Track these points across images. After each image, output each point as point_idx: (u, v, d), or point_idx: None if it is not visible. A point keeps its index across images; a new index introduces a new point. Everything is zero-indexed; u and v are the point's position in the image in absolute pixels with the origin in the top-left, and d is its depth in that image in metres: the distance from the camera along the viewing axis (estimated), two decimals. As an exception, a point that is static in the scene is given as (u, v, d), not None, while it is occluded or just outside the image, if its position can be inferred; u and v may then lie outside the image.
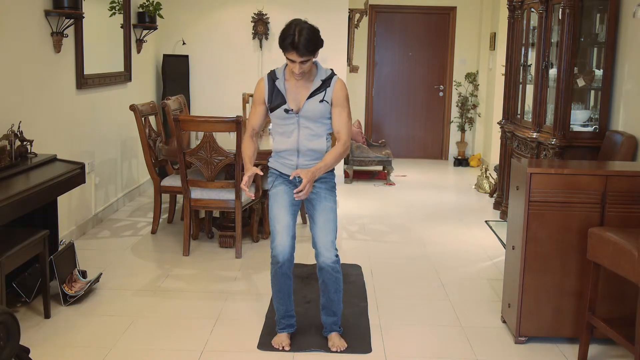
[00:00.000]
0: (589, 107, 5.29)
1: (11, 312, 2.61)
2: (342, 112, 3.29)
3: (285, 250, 3.22)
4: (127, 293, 4.08)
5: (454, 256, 4.99)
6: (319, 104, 3.25)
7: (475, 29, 9.27)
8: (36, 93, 4.51)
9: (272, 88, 3.28)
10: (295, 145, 3.28)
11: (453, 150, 9.51)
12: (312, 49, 3.10)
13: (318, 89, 3.25)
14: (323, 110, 3.27)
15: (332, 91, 3.27)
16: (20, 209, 3.42)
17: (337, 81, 3.30)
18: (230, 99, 7.37)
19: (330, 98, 3.27)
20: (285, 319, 3.38)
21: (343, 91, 3.30)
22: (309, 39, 3.07)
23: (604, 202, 3.32)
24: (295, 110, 3.25)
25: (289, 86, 3.27)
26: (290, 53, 3.09)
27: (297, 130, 3.27)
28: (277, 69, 3.32)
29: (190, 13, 7.52)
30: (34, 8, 4.47)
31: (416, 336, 3.56)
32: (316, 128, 3.28)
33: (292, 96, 3.26)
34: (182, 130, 4.70)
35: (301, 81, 3.25)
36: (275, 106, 3.27)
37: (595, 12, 5.15)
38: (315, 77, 3.27)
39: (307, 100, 3.24)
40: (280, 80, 3.27)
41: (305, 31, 3.07)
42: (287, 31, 3.10)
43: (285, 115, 3.26)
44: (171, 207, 5.75)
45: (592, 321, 3.19)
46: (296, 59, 3.10)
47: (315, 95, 3.25)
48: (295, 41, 3.05)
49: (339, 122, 3.29)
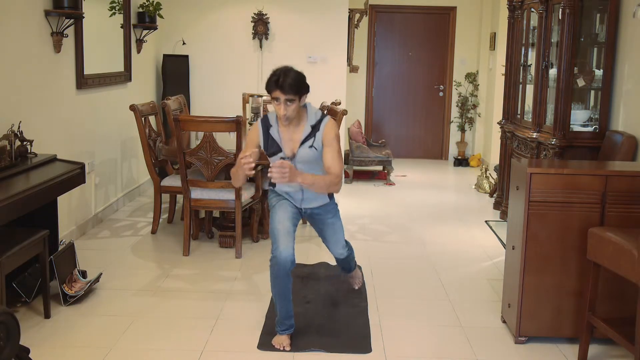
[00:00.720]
0: (589, 107, 5.29)
1: (11, 312, 2.61)
2: (331, 150, 3.38)
3: (287, 251, 3.26)
4: (127, 293, 4.08)
5: (454, 256, 4.99)
6: (309, 149, 3.38)
7: (475, 29, 9.27)
8: (36, 93, 4.51)
9: (266, 135, 3.41)
10: (298, 187, 3.44)
11: (453, 150, 9.51)
12: (296, 89, 3.21)
13: (308, 136, 3.38)
14: (315, 155, 3.40)
15: (321, 135, 3.38)
16: (20, 209, 3.42)
17: (326, 124, 3.40)
18: (230, 99, 7.37)
19: (320, 142, 3.38)
20: (287, 320, 3.39)
21: (332, 132, 3.39)
22: (295, 79, 3.21)
23: (604, 202, 3.32)
24: (290, 157, 3.39)
25: (282, 133, 3.39)
26: (274, 91, 3.22)
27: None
28: (270, 114, 3.45)
29: (190, 13, 7.52)
30: (34, 8, 4.47)
31: (416, 336, 3.56)
32: (312, 169, 3.41)
33: (287, 143, 3.40)
34: (182, 130, 4.70)
35: (292, 127, 3.37)
36: (272, 153, 3.42)
37: (595, 12, 5.15)
38: (306, 122, 3.38)
39: (299, 147, 3.38)
40: (274, 128, 3.40)
41: (291, 73, 3.24)
42: (274, 73, 3.25)
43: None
44: (171, 207, 5.75)
45: (592, 321, 3.19)
46: (280, 96, 3.21)
47: (306, 141, 3.38)
48: (279, 80, 3.19)
49: (329, 160, 3.38)
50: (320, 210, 3.58)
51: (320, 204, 3.56)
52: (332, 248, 3.70)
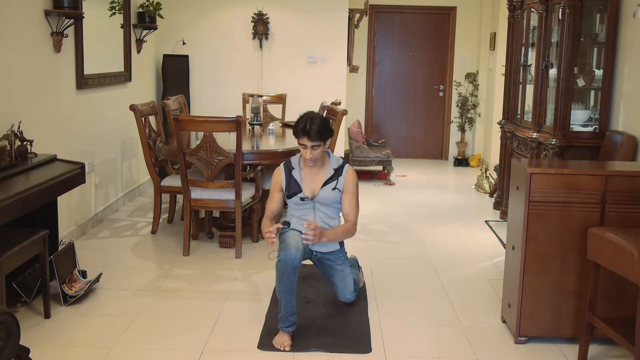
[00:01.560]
0: (589, 107, 5.29)
1: (11, 312, 2.61)
2: (352, 198, 3.64)
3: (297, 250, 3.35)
4: (127, 293, 4.08)
5: (454, 256, 4.99)
6: (332, 191, 3.61)
7: (475, 29, 9.27)
8: (36, 93, 4.51)
9: (288, 177, 3.63)
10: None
11: (453, 150, 9.51)
12: (322, 135, 3.45)
13: (331, 178, 3.61)
14: (336, 197, 3.63)
15: (343, 179, 3.63)
16: (20, 209, 3.42)
17: (348, 170, 3.65)
18: (230, 99, 7.38)
19: (342, 186, 3.63)
20: (292, 316, 3.41)
21: (354, 179, 3.65)
22: (320, 126, 3.44)
23: (604, 202, 3.32)
24: (310, 197, 3.60)
25: (304, 175, 3.62)
26: (302, 138, 3.46)
27: (314, 213, 3.64)
28: (293, 158, 3.69)
29: (190, 13, 7.52)
30: (34, 8, 4.47)
31: (416, 336, 3.56)
32: (330, 212, 3.66)
33: (307, 184, 3.61)
34: (182, 130, 4.70)
35: (315, 169, 3.61)
36: (292, 194, 3.62)
37: (595, 12, 5.15)
38: (329, 166, 3.63)
39: (321, 188, 3.60)
40: (296, 170, 3.63)
41: (317, 120, 3.47)
42: (300, 119, 3.49)
43: (301, 202, 3.61)
44: (171, 207, 5.75)
45: (592, 321, 3.19)
46: (307, 143, 3.45)
47: (329, 183, 3.61)
48: (306, 127, 3.42)
49: (349, 208, 3.64)
50: (330, 256, 3.73)
51: (331, 250, 3.73)
52: (340, 294, 3.83)
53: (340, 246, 3.78)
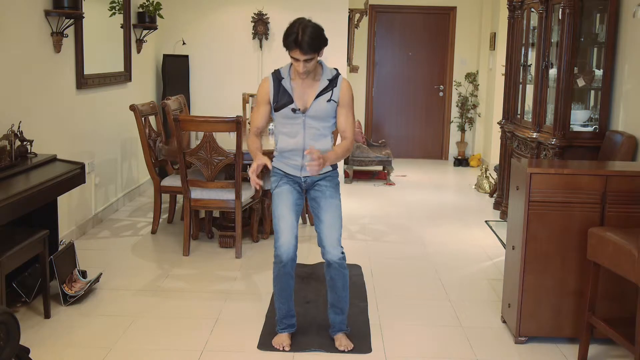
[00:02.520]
0: (589, 107, 5.29)
1: (11, 312, 2.60)
2: (348, 112, 3.30)
3: (290, 249, 3.22)
4: (127, 293, 4.08)
5: (454, 256, 4.99)
6: (327, 103, 3.25)
7: (475, 29, 9.27)
8: (36, 93, 4.51)
9: (277, 87, 3.26)
10: (301, 146, 3.27)
11: (453, 150, 9.51)
12: (315, 47, 3.07)
13: (325, 89, 3.24)
14: (330, 110, 3.27)
15: (339, 91, 3.26)
16: (20, 209, 3.42)
17: (343, 81, 3.29)
18: (230, 99, 7.37)
19: (338, 97, 3.26)
20: (287, 319, 3.38)
21: (349, 92, 3.30)
22: (313, 37, 3.05)
23: (604, 202, 3.32)
24: (302, 110, 3.24)
25: (295, 85, 3.25)
26: (294, 51, 3.07)
27: (303, 130, 3.26)
28: (282, 68, 3.30)
29: (190, 13, 7.51)
30: (34, 8, 4.47)
31: (416, 336, 3.56)
32: (322, 128, 3.29)
33: (299, 95, 3.24)
34: (182, 130, 4.70)
35: (307, 80, 3.23)
36: (282, 105, 3.25)
37: (595, 12, 5.15)
38: (322, 76, 3.25)
39: (314, 100, 3.23)
40: (286, 80, 3.25)
41: (309, 29, 3.05)
42: (291, 29, 3.07)
43: (292, 114, 3.25)
44: (171, 207, 5.75)
45: (592, 321, 3.19)
46: (300, 57, 3.08)
47: (322, 94, 3.24)
48: (298, 39, 3.03)
49: (345, 122, 3.30)
50: (322, 181, 3.35)
51: (324, 171, 3.34)
52: (325, 234, 3.26)
53: (332, 167, 3.39)
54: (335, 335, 3.43)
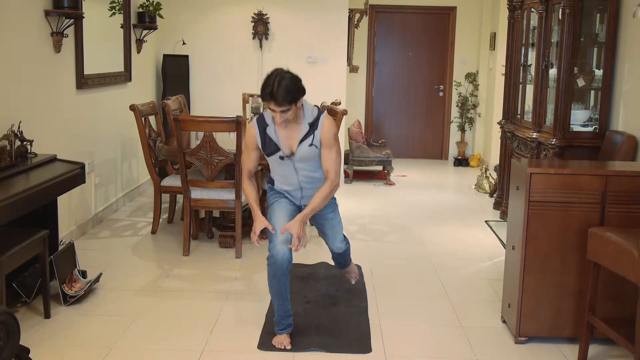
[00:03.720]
0: (589, 107, 5.29)
1: (11, 312, 2.61)
2: (330, 152, 3.36)
3: (284, 250, 3.25)
4: (127, 293, 4.08)
5: (454, 256, 4.99)
6: (309, 147, 3.34)
7: (475, 29, 9.27)
8: (36, 93, 4.51)
9: (263, 135, 3.37)
10: (297, 185, 3.46)
11: (453, 150, 9.51)
12: (290, 99, 3.15)
13: (307, 134, 3.33)
14: (314, 153, 3.37)
15: (319, 133, 3.33)
16: (20, 209, 3.42)
17: (324, 121, 3.34)
18: (230, 99, 7.37)
19: (319, 141, 3.34)
20: (285, 319, 3.39)
21: (330, 131, 3.35)
22: (288, 90, 3.12)
23: (604, 202, 3.32)
24: (289, 156, 3.36)
25: (279, 132, 3.34)
26: (269, 103, 3.17)
27: (295, 172, 3.42)
28: (266, 113, 3.39)
29: (190, 13, 7.52)
30: (34, 8, 4.47)
31: (416, 336, 3.56)
32: (311, 167, 3.42)
33: (284, 142, 3.35)
34: (182, 130, 4.70)
35: (290, 125, 3.32)
36: (270, 152, 3.38)
37: (595, 12, 5.15)
38: (303, 120, 3.33)
39: (298, 146, 3.34)
40: (270, 127, 3.35)
41: (284, 82, 3.13)
42: (267, 81, 3.16)
43: (281, 161, 3.39)
44: (171, 207, 5.75)
45: (592, 321, 3.19)
46: (275, 108, 3.17)
47: (304, 140, 3.33)
48: (273, 91, 3.11)
49: (328, 162, 3.37)
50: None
51: None
52: (330, 242, 3.68)
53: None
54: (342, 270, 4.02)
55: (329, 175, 3.38)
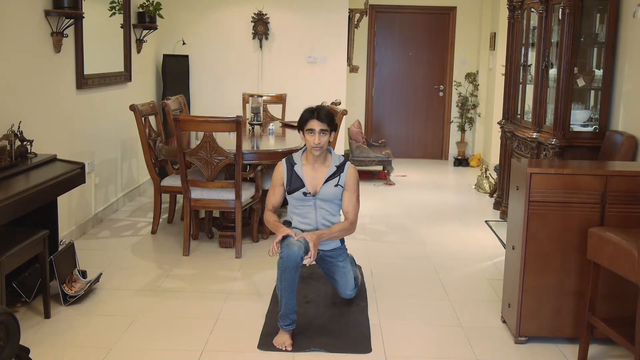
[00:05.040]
0: (589, 107, 5.29)
1: (11, 312, 2.60)
2: (352, 196, 3.69)
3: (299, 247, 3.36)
4: (127, 293, 4.08)
5: (454, 256, 4.99)
6: (334, 187, 3.65)
7: (475, 29, 9.27)
8: (36, 93, 4.51)
9: (290, 173, 3.67)
10: (314, 225, 3.69)
11: (453, 150, 9.51)
12: (330, 120, 3.55)
13: (333, 174, 3.65)
14: (337, 193, 3.67)
15: (345, 176, 3.67)
16: (20, 209, 3.42)
17: (350, 168, 3.70)
18: (230, 99, 7.38)
19: (344, 183, 3.67)
20: (292, 315, 3.41)
21: (355, 177, 3.70)
22: (328, 113, 3.56)
23: (604, 202, 3.32)
24: (312, 194, 3.63)
25: (306, 171, 3.65)
26: (310, 122, 3.53)
27: (314, 211, 3.68)
28: (295, 154, 3.73)
29: (190, 13, 7.52)
30: (34, 8, 4.47)
31: (416, 336, 3.56)
32: (331, 209, 3.70)
33: (309, 181, 3.64)
34: (182, 130, 4.70)
35: (317, 166, 3.65)
36: (294, 189, 3.65)
37: (595, 12, 5.15)
38: (331, 162, 3.67)
39: (324, 184, 3.63)
40: (298, 166, 3.66)
41: (324, 107, 3.61)
42: (307, 109, 3.60)
43: (303, 197, 3.64)
44: (171, 207, 5.75)
45: (592, 321, 3.19)
46: (316, 127, 3.51)
47: (331, 179, 3.65)
48: (315, 111, 3.54)
49: (349, 205, 3.70)
50: (332, 253, 3.78)
51: (332, 247, 3.78)
52: (340, 290, 3.86)
53: (341, 243, 3.85)
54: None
55: (348, 216, 3.69)
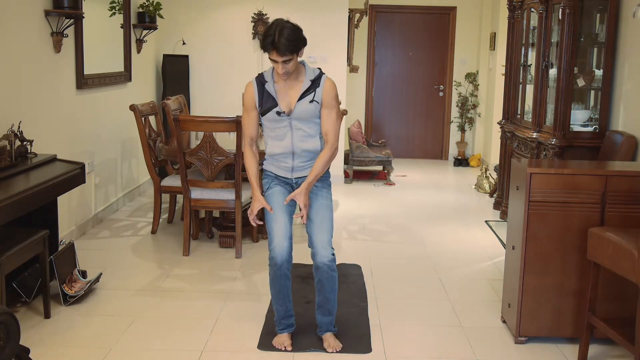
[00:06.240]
0: (589, 107, 5.29)
1: (11, 312, 2.60)
2: (330, 112, 3.26)
3: (284, 251, 3.22)
4: (127, 293, 4.08)
5: (454, 256, 4.99)
6: (309, 104, 3.23)
7: (475, 29, 9.27)
8: (36, 93, 4.51)
9: (261, 91, 3.26)
10: (290, 148, 3.28)
11: (453, 150, 9.51)
12: (293, 48, 3.07)
13: (308, 90, 3.23)
14: (314, 110, 3.25)
15: (321, 91, 3.23)
16: (20, 209, 3.42)
17: (326, 80, 3.26)
18: (230, 99, 7.37)
19: (320, 98, 3.24)
20: (285, 319, 3.38)
21: (332, 91, 3.26)
22: (290, 39, 3.05)
23: (604, 202, 3.32)
24: (287, 112, 3.23)
25: (278, 88, 3.24)
26: (271, 53, 3.08)
27: (290, 132, 3.27)
28: (265, 72, 3.30)
29: (190, 13, 7.52)
30: (34, 8, 4.47)
31: (416, 336, 3.56)
32: (308, 129, 3.28)
33: (283, 98, 3.24)
34: (182, 130, 4.70)
35: (290, 82, 3.23)
36: (267, 109, 3.25)
37: (595, 12, 5.15)
38: (304, 77, 3.24)
39: (298, 101, 3.22)
40: (269, 83, 3.25)
41: (286, 30, 3.05)
42: (268, 31, 3.08)
43: (277, 117, 3.25)
44: (171, 207, 5.75)
45: (592, 321, 3.19)
46: (277, 58, 3.08)
47: (305, 96, 3.22)
48: (275, 41, 3.03)
49: (327, 123, 3.27)
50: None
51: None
52: (315, 235, 3.27)
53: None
54: (323, 335, 3.41)
55: (328, 138, 3.27)
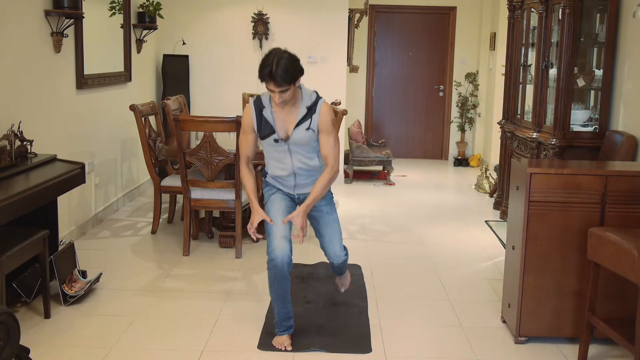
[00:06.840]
0: (589, 107, 5.29)
1: (11, 312, 2.60)
2: (328, 138, 3.31)
3: (284, 252, 3.23)
4: (127, 293, 4.08)
5: (454, 256, 4.99)
6: (306, 131, 3.28)
7: (475, 29, 9.27)
8: (36, 93, 4.51)
9: (259, 117, 3.31)
10: (291, 170, 3.37)
11: (453, 150, 9.51)
12: (289, 79, 3.10)
13: (304, 117, 3.27)
14: (311, 137, 3.31)
15: (317, 117, 3.28)
16: (20, 209, 3.42)
17: (323, 106, 3.29)
18: (230, 99, 7.37)
19: (317, 125, 3.29)
20: (286, 321, 3.39)
21: (329, 116, 3.29)
22: (287, 70, 3.08)
23: (604, 202, 3.32)
24: (284, 139, 3.29)
25: (276, 115, 3.28)
26: (268, 83, 3.12)
27: (290, 156, 3.34)
28: (263, 95, 3.32)
29: (190, 13, 7.52)
30: (34, 8, 4.47)
31: (416, 336, 3.56)
32: (307, 152, 3.36)
33: (280, 125, 3.29)
34: (182, 130, 4.70)
35: (287, 108, 3.26)
36: (265, 135, 3.32)
37: (595, 12, 5.15)
38: (301, 103, 3.27)
39: (294, 129, 3.28)
40: (267, 109, 3.29)
41: (283, 61, 3.08)
42: (266, 61, 3.11)
43: (276, 143, 3.31)
44: (171, 207, 5.75)
45: (592, 321, 3.19)
46: (274, 89, 3.12)
47: (301, 123, 3.27)
48: (272, 71, 3.06)
49: (326, 148, 3.32)
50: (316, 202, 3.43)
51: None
52: (328, 245, 3.49)
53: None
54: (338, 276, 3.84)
55: (328, 161, 3.33)
